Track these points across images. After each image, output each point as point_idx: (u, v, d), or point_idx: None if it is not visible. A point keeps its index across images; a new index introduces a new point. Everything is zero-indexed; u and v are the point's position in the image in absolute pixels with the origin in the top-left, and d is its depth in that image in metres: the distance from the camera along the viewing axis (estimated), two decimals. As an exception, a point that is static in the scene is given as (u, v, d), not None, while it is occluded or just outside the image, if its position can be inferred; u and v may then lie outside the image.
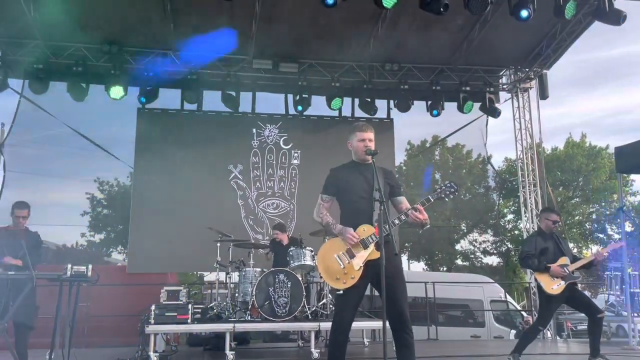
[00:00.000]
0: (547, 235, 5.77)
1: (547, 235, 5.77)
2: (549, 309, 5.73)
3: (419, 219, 3.67)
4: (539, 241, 5.72)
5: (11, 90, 9.63)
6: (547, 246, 5.65)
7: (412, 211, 3.69)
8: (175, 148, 10.36)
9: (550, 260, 5.57)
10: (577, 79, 53.68)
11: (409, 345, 3.52)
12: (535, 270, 5.68)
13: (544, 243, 5.68)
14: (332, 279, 3.73)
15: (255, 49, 9.82)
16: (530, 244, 5.81)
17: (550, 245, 5.66)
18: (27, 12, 8.38)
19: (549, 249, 5.63)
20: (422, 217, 3.67)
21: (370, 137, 3.87)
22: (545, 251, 5.62)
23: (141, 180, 10.49)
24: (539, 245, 5.68)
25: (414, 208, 3.70)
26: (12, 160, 10.73)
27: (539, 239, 5.77)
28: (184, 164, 10.37)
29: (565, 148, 27.98)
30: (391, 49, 10.10)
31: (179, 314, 6.36)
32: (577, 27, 9.41)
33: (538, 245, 5.67)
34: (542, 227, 5.88)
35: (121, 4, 8.54)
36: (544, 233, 5.80)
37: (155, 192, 10.13)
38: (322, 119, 11.14)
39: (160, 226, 9.93)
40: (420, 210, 3.68)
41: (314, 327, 6.47)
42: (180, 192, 10.15)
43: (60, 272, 5.13)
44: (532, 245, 5.71)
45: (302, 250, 7.00)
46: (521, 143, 11.30)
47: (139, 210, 10.22)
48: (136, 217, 10.23)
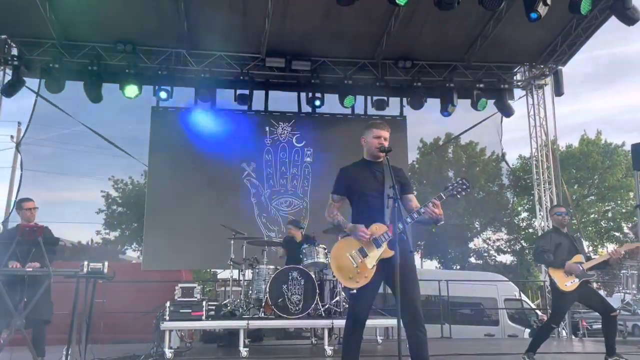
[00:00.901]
0: (562, 233, 5.75)
1: (561, 232, 5.76)
2: (562, 306, 5.70)
3: (435, 214, 3.63)
4: (554, 237, 5.71)
5: (28, 90, 9.77)
6: (561, 242, 5.63)
7: (428, 206, 3.65)
8: (188, 146, 10.42)
9: (565, 257, 5.54)
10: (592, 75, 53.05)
11: (423, 343, 3.51)
12: (550, 265, 5.64)
13: (559, 239, 5.66)
14: (346, 278, 3.71)
15: (267, 47, 9.85)
16: (545, 239, 5.80)
17: (565, 242, 5.64)
18: (42, 13, 8.49)
19: (563, 245, 5.61)
20: (438, 212, 3.64)
21: (386, 136, 3.85)
22: (560, 247, 5.60)
23: (155, 178, 10.58)
24: (553, 240, 5.65)
25: (431, 203, 3.66)
26: (29, 159, 10.91)
27: (554, 235, 5.76)
28: (198, 161, 10.43)
29: (580, 145, 27.68)
30: (404, 46, 10.06)
31: (193, 310, 6.42)
32: (592, 23, 9.28)
33: (553, 241, 5.65)
34: (555, 223, 5.87)
35: (135, 4, 8.61)
36: (559, 230, 5.79)
37: (169, 190, 10.20)
38: (335, 116, 11.13)
39: (175, 224, 10.00)
40: (436, 204, 3.64)
41: (327, 325, 6.49)
42: (193, 189, 10.22)
43: (77, 269, 5.20)
44: (548, 241, 5.70)
45: (315, 248, 7.02)
46: (536, 140, 11.19)
47: (153, 207, 10.30)
48: (150, 215, 10.31)
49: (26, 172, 10.68)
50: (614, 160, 26.47)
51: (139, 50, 9.75)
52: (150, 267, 10.22)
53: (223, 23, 9.21)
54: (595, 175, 27.00)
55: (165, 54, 9.94)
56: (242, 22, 9.16)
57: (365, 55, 10.36)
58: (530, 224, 26.71)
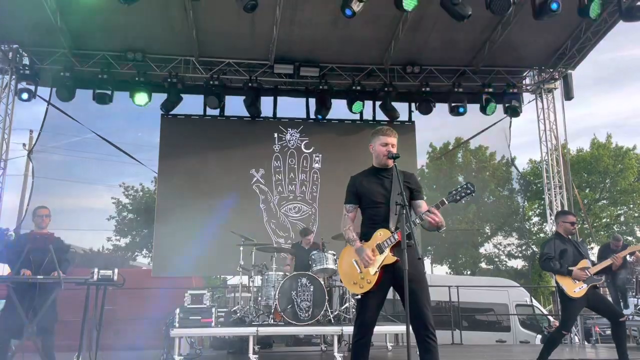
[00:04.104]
0: (565, 239, 5.67)
1: (565, 238, 5.67)
2: (572, 313, 5.60)
3: (435, 221, 3.64)
4: (557, 244, 5.62)
5: (39, 99, 9.90)
6: (566, 248, 5.55)
7: (427, 213, 3.66)
8: (198, 153, 10.49)
9: (570, 263, 5.48)
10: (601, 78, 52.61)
11: (433, 350, 3.49)
12: (556, 273, 5.57)
13: (563, 245, 5.58)
14: (350, 284, 3.81)
15: (276, 54, 9.89)
16: (549, 246, 5.69)
17: (569, 248, 5.57)
18: (53, 22, 8.59)
19: (568, 252, 5.54)
20: (438, 219, 3.64)
21: (394, 142, 3.85)
22: (565, 253, 5.53)
23: (165, 185, 10.63)
24: (557, 247, 5.58)
25: (429, 211, 3.68)
26: (40, 167, 11.00)
27: (557, 241, 5.66)
28: (207, 168, 10.50)
29: (591, 149, 27.45)
30: (412, 52, 10.07)
31: (203, 317, 6.44)
32: (602, 26, 9.24)
33: (557, 248, 5.57)
34: (560, 231, 5.74)
35: (144, 12, 8.69)
36: (562, 236, 5.69)
37: (178, 197, 10.25)
38: (343, 122, 11.14)
39: (184, 230, 10.03)
40: (434, 212, 3.65)
41: (337, 331, 6.46)
42: (203, 196, 10.26)
43: (87, 276, 5.23)
44: (552, 248, 5.61)
45: (324, 254, 7.01)
46: (546, 145, 11.13)
47: (163, 214, 10.35)
48: (160, 221, 10.35)
49: (37, 179, 10.76)
50: (626, 164, 26.20)
51: (148, 58, 9.84)
52: (160, 274, 10.25)
53: (231, 30, 9.28)
54: (607, 179, 26.74)
55: (175, 61, 10.02)
56: (251, 29, 9.22)
57: (374, 61, 10.37)
58: (542, 229, 26.49)
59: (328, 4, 8.25)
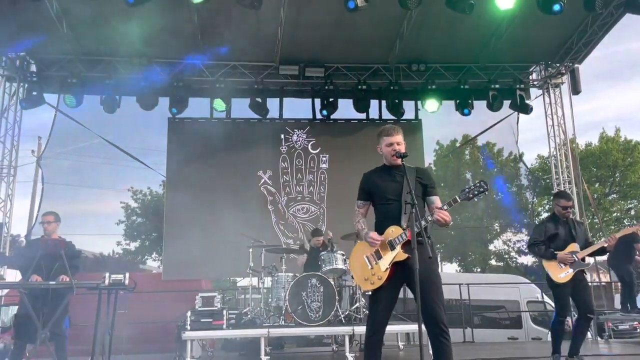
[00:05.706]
0: (561, 221, 5.55)
1: (560, 220, 5.55)
2: (562, 298, 5.46)
3: (445, 220, 3.65)
4: (548, 227, 5.53)
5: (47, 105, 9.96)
6: (557, 232, 5.46)
7: (436, 211, 3.67)
8: (205, 156, 10.51)
9: (559, 247, 5.39)
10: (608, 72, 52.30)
11: (446, 348, 3.48)
12: (541, 257, 5.49)
13: (555, 229, 5.48)
14: (361, 280, 3.82)
15: (281, 55, 9.90)
16: (539, 230, 5.62)
17: (561, 231, 5.46)
18: (60, 29, 8.64)
19: (559, 235, 5.44)
20: (447, 219, 3.65)
21: (399, 140, 3.84)
22: (555, 237, 5.44)
23: (173, 188, 10.67)
24: (548, 231, 5.49)
25: (436, 211, 3.68)
26: (49, 173, 11.08)
27: (549, 224, 5.56)
28: (215, 171, 10.53)
29: (600, 143, 27.25)
30: (417, 50, 10.05)
31: (214, 319, 6.45)
32: (608, 20, 9.16)
33: (547, 232, 5.49)
34: (556, 212, 5.64)
35: (150, 17, 8.70)
36: (557, 218, 5.58)
37: (187, 200, 10.27)
38: (350, 122, 11.14)
39: (193, 233, 10.06)
40: (443, 212, 3.65)
41: (348, 331, 6.44)
42: (211, 199, 10.28)
43: (98, 281, 5.25)
44: (541, 232, 5.54)
45: (334, 254, 7.00)
46: (554, 140, 11.05)
47: (172, 217, 10.39)
48: (169, 225, 10.40)
49: (47, 185, 10.84)
50: (635, 157, 26.00)
51: (154, 62, 9.87)
52: (170, 277, 10.29)
53: (236, 33, 9.27)
54: (617, 173, 26.54)
55: (181, 65, 10.05)
56: (256, 31, 9.22)
57: (379, 60, 10.36)
58: (552, 225, 26.30)
59: (332, 4, 8.24)
